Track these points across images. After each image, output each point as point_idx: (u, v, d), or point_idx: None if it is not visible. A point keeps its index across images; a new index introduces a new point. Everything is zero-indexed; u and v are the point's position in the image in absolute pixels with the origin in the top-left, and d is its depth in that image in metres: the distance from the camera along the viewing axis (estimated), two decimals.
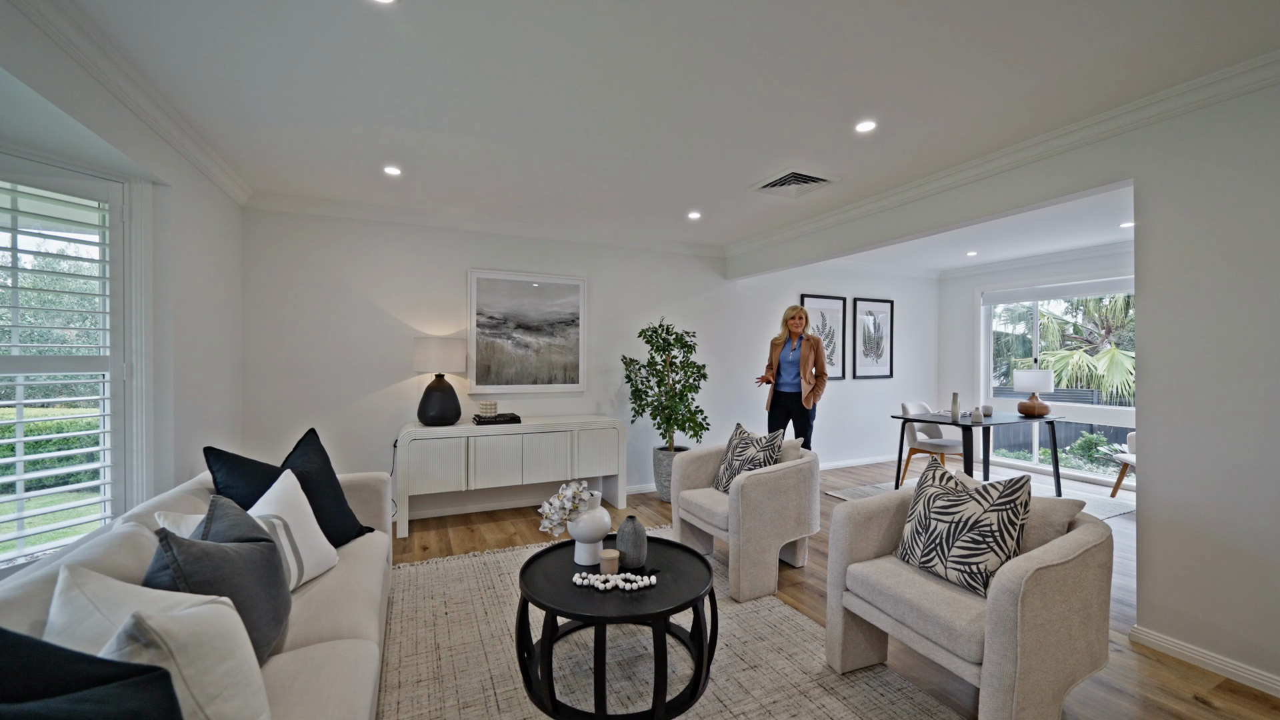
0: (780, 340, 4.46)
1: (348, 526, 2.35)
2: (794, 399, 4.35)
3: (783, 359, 4.40)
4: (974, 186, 2.99)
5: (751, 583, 2.74)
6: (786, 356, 4.38)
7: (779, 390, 4.42)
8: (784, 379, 4.39)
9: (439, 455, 3.73)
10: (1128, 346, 7.48)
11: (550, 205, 3.84)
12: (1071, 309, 8.05)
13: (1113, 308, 7.83)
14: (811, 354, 4.26)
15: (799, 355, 4.30)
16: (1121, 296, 7.63)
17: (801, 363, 4.26)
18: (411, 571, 3.07)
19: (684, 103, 2.34)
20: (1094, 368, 7.67)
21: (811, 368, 4.26)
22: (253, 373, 3.64)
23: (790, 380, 4.37)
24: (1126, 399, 7.20)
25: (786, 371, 4.37)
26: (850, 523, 2.09)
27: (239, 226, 3.55)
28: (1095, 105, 2.35)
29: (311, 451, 2.40)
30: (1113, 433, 7.33)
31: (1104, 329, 8.03)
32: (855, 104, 2.33)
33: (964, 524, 1.84)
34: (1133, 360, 7.31)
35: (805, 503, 2.93)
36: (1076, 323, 8.24)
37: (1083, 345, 7.97)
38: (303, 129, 2.60)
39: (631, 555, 2.15)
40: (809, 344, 4.28)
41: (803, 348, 4.28)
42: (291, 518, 1.93)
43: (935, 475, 2.07)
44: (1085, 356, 7.75)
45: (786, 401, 4.39)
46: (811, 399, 4.24)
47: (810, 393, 4.23)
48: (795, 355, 4.33)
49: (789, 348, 4.39)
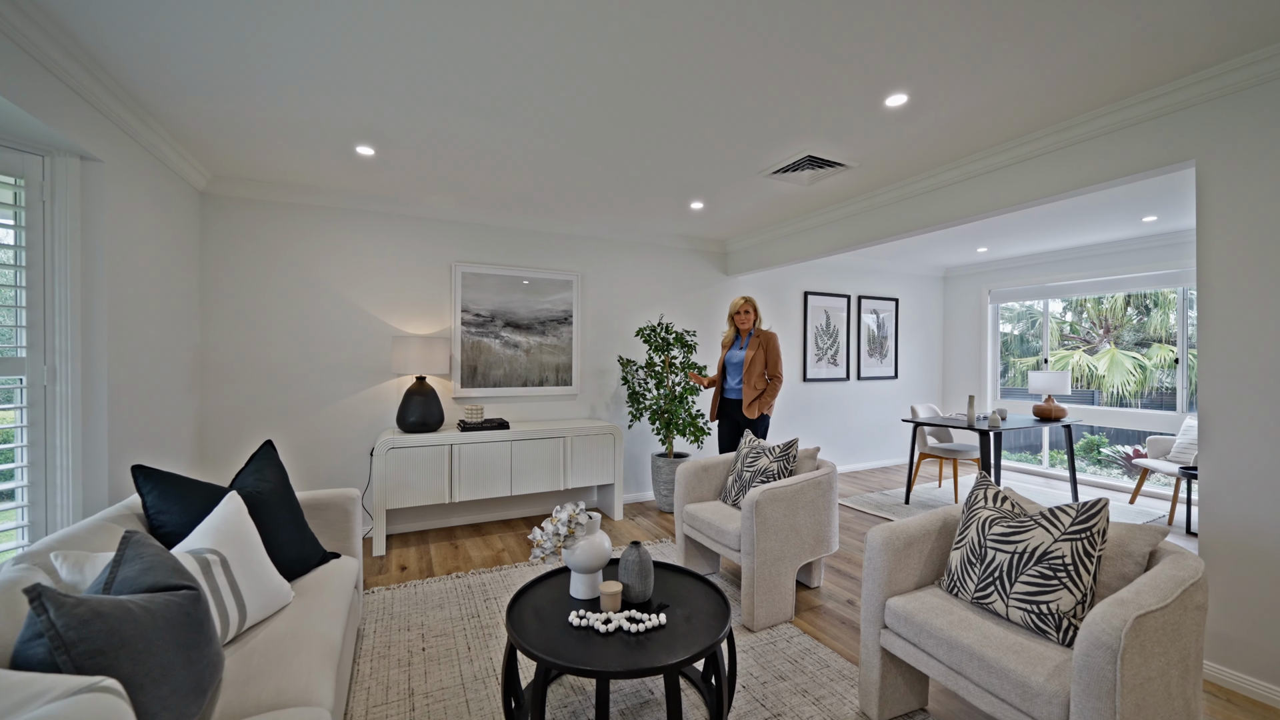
0: (728, 338, 3.78)
1: (308, 554, 2.03)
2: (739, 407, 3.65)
3: (728, 360, 3.71)
4: (1008, 171, 2.73)
5: (767, 609, 2.46)
6: (732, 357, 3.68)
7: (725, 397, 3.75)
8: (729, 383, 3.71)
9: (419, 465, 3.41)
10: (1127, 346, 7.32)
11: (542, 193, 3.53)
12: (1067, 308, 7.89)
13: (1112, 307, 7.68)
14: (761, 353, 3.56)
15: (744, 356, 3.60)
16: (1121, 296, 7.49)
17: (747, 364, 3.56)
18: (387, 597, 2.75)
19: (695, 76, 2.05)
20: (1094, 368, 7.51)
21: (762, 369, 3.58)
22: (212, 376, 3.30)
23: (735, 385, 3.67)
24: (1128, 400, 7.04)
25: (732, 374, 3.69)
26: (889, 549, 1.81)
27: (196, 213, 3.21)
28: (1153, 77, 2.09)
29: (266, 467, 2.08)
30: (1114, 434, 7.16)
31: (1102, 329, 7.89)
32: (887, 73, 2.06)
33: (1030, 555, 1.57)
34: (1133, 360, 7.16)
35: (824, 518, 2.66)
36: (1074, 322, 8.09)
37: (1081, 345, 7.82)
38: (259, 101, 2.28)
39: (636, 588, 1.86)
40: (759, 341, 3.59)
41: (750, 347, 3.59)
42: (233, 551, 1.62)
43: (988, 495, 1.80)
44: (1086, 356, 7.60)
45: (733, 410, 3.68)
46: (757, 407, 3.52)
47: (755, 400, 3.53)
48: (741, 356, 3.62)
49: (736, 346, 3.71)
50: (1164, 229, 4.51)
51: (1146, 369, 7.01)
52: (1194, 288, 4.82)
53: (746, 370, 3.55)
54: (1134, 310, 7.44)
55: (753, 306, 3.63)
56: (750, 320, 3.63)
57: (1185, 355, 4.90)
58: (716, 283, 5.01)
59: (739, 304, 3.65)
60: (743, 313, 3.63)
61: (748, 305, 3.63)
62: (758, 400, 3.53)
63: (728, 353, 3.73)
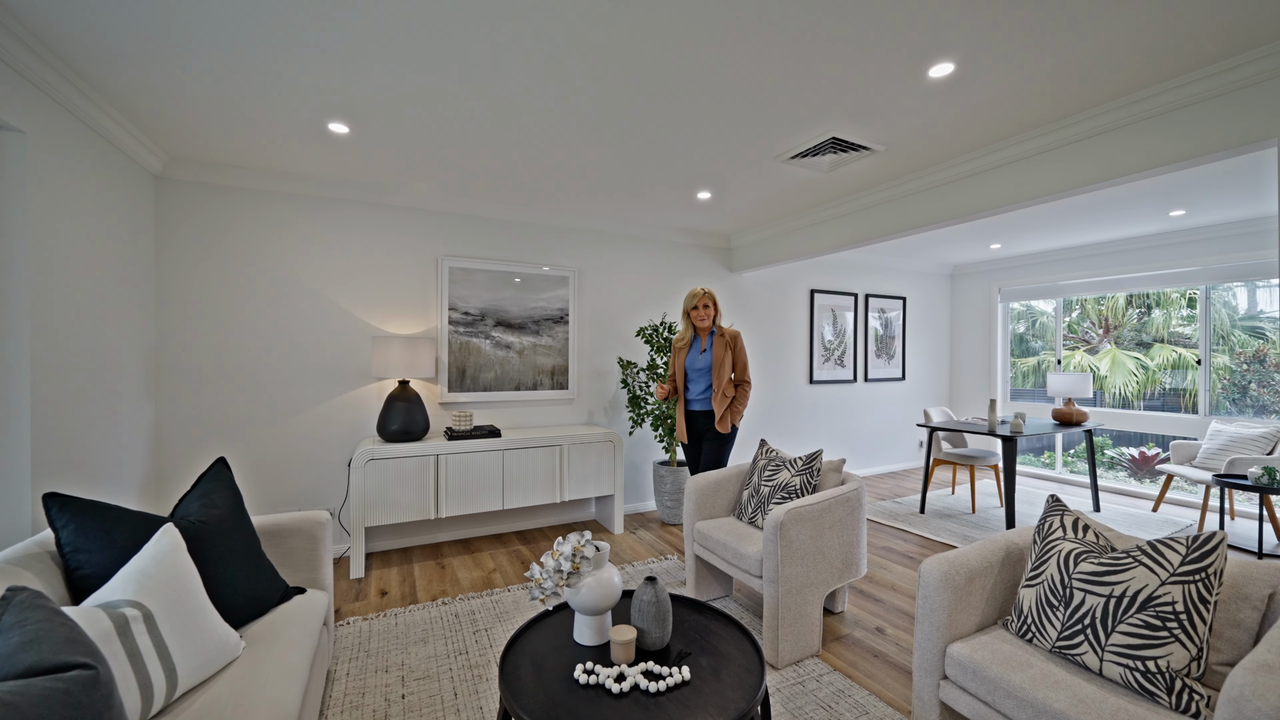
0: (684, 340, 3.17)
1: (264, 592, 1.73)
2: (706, 419, 3.09)
3: (689, 365, 3.12)
4: (1054, 155, 2.47)
5: (792, 643, 2.19)
6: (694, 362, 3.10)
7: (689, 409, 3.17)
8: (692, 392, 3.13)
9: (401, 478, 3.11)
10: (1127, 346, 7.18)
11: (536, 180, 3.24)
12: (1066, 308, 7.75)
13: (1112, 306, 7.55)
14: (728, 355, 3.03)
15: (710, 359, 3.06)
16: (1122, 296, 7.36)
17: (715, 368, 3.00)
18: (363, 630, 2.45)
19: (716, 43, 1.77)
20: (1096, 368, 7.37)
21: (730, 374, 3.03)
22: (171, 382, 2.97)
23: (701, 394, 3.10)
24: (1130, 401, 6.89)
25: (696, 382, 3.10)
26: (949, 586, 1.55)
27: (151, 200, 2.88)
28: (1230, 45, 1.85)
29: (216, 491, 1.77)
30: (1115, 435, 7.01)
31: (1101, 328, 7.75)
32: (935, 38, 1.80)
33: (1130, 600, 1.31)
34: (1135, 360, 7.02)
35: (853, 539, 2.40)
36: (1072, 321, 7.95)
37: (1080, 345, 7.68)
38: (213, 70, 1.97)
39: (653, 634, 1.58)
40: (724, 341, 3.03)
41: (715, 347, 3.03)
42: (161, 601, 1.32)
43: (1066, 523, 1.54)
44: (1086, 356, 7.46)
45: (698, 424, 3.13)
46: (729, 419, 3.01)
47: (728, 410, 3.00)
48: (706, 359, 3.06)
49: (696, 349, 3.12)
50: (1186, 225, 4.31)
51: (1150, 369, 6.87)
52: (1216, 286, 4.64)
53: (716, 376, 3.00)
54: (1135, 310, 7.31)
55: (712, 300, 3.05)
56: (710, 316, 3.05)
57: (1208, 357, 4.71)
58: (720, 280, 4.74)
59: (698, 296, 3.02)
60: (701, 307, 3.03)
61: (707, 298, 3.03)
62: (730, 410, 3.01)
63: (687, 357, 3.13)
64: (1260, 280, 4.43)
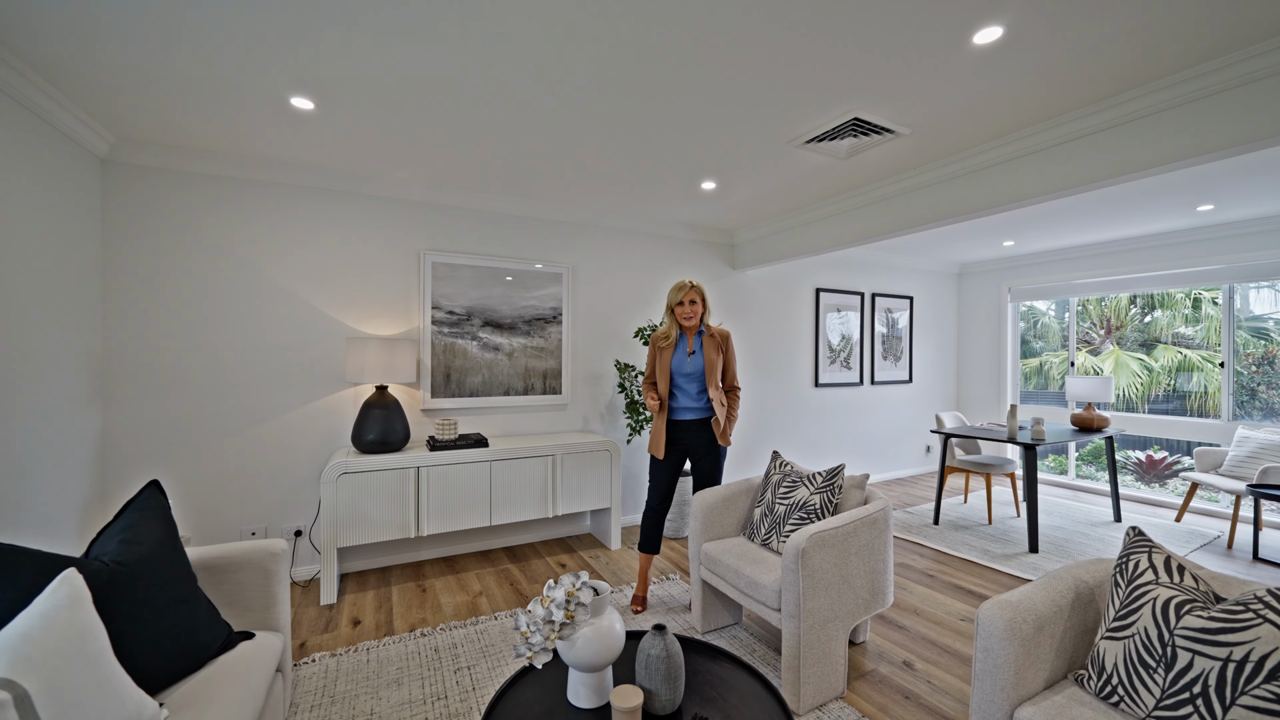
0: (669, 338, 2.70)
1: (202, 641, 1.46)
2: (700, 431, 2.67)
3: (675, 369, 2.67)
4: (1113, 134, 2.21)
5: (816, 685, 1.94)
6: (682, 365, 2.66)
7: (673, 419, 2.71)
8: (681, 400, 2.68)
9: (378, 492, 2.83)
10: (1130, 347, 7.01)
11: (528, 168, 2.97)
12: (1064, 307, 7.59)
13: (1115, 307, 7.39)
14: (719, 357, 2.66)
15: (702, 361, 2.66)
16: (1125, 296, 7.20)
17: (708, 373, 2.62)
18: (330, 668, 2.17)
19: (727, 13, 1.52)
20: (1099, 370, 7.20)
21: (719, 379, 2.68)
22: (119, 386, 2.68)
23: (692, 402, 2.67)
24: (1135, 403, 6.72)
25: (685, 388, 2.67)
26: (1015, 637, 1.30)
27: (96, 187, 2.59)
28: None
29: (142, 522, 1.50)
30: (1120, 439, 6.84)
31: (1103, 329, 7.59)
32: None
33: (1256, 667, 1.07)
34: (1139, 362, 6.85)
35: (879, 565, 2.15)
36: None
37: (1081, 345, 7.52)
38: (152, 33, 1.69)
39: (662, 696, 1.32)
40: (715, 343, 2.66)
41: (706, 349, 2.64)
42: (47, 676, 1.04)
43: (1157, 564, 1.29)
44: (1090, 358, 7.29)
45: (689, 436, 2.68)
46: (730, 429, 2.66)
47: (727, 421, 2.66)
48: (697, 362, 2.65)
49: (683, 350, 2.69)
50: (1211, 220, 4.11)
51: (1153, 371, 6.71)
52: (1242, 284, 4.44)
53: (710, 382, 2.61)
54: (1138, 310, 7.15)
55: (700, 296, 2.65)
56: (698, 314, 2.64)
57: (1231, 360, 4.52)
58: (723, 278, 4.48)
59: (685, 289, 2.61)
60: (688, 303, 2.62)
61: (695, 293, 2.63)
62: (729, 420, 2.66)
63: (672, 357, 2.68)
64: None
